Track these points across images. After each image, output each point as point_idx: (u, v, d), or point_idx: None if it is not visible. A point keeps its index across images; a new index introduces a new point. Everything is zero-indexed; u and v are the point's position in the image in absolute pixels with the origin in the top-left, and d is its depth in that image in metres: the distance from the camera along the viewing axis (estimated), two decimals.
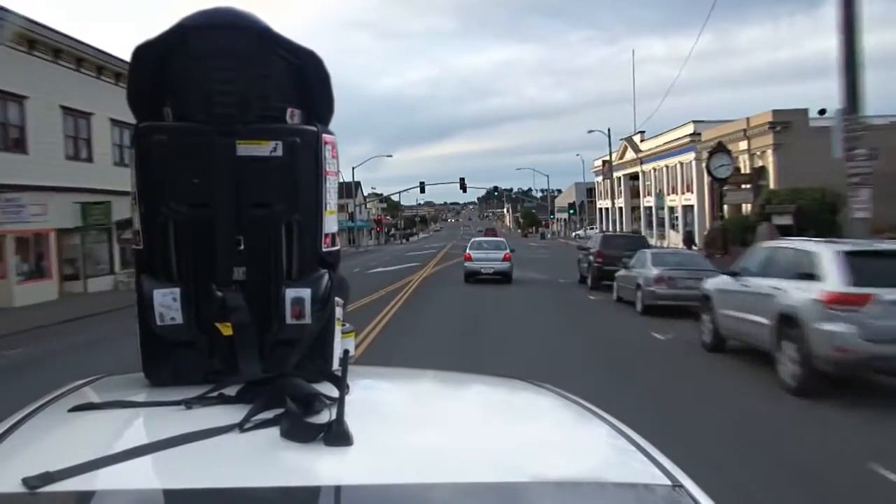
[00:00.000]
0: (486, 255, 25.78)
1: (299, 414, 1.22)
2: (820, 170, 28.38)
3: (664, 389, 8.67)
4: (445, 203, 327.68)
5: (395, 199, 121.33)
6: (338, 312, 1.60)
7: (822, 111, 35.62)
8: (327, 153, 1.56)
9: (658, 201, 47.14)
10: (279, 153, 1.50)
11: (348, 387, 1.24)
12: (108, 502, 1.03)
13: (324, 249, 1.58)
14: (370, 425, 1.28)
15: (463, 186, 70.27)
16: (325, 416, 1.20)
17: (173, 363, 1.53)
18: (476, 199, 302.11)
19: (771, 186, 32.30)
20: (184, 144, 1.49)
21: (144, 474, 1.09)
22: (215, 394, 1.38)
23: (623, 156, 60.84)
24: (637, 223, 62.96)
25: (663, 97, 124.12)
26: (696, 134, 44.01)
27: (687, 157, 46.35)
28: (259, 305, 1.51)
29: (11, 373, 11.14)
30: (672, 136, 48.79)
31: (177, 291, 1.50)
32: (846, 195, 13.63)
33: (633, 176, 61.26)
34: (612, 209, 56.49)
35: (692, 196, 45.72)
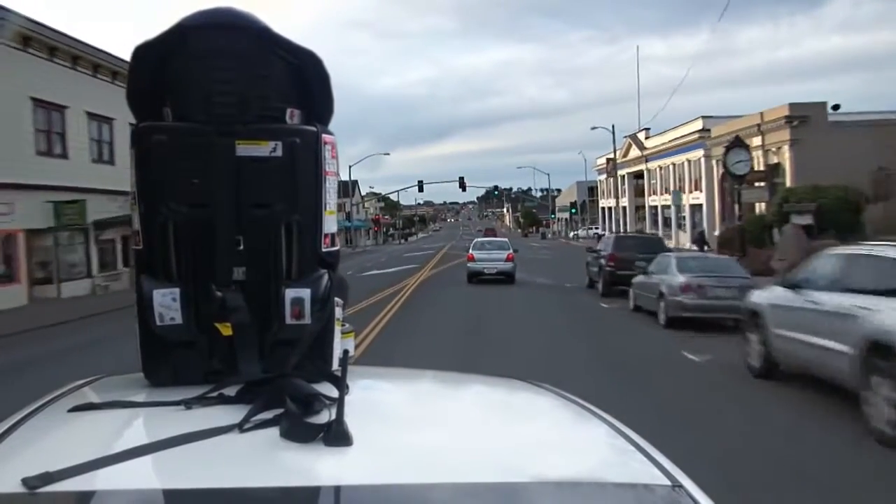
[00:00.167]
0: (490, 256, 25.66)
1: (299, 414, 1.24)
2: (840, 167, 27.01)
3: (716, 429, 7.12)
4: (445, 203, 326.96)
5: (394, 199, 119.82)
6: (337, 313, 1.63)
7: (836, 106, 34.19)
8: (327, 153, 1.59)
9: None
10: (279, 153, 1.53)
11: (348, 387, 1.27)
12: (108, 502, 1.06)
13: (323, 249, 1.60)
14: (370, 425, 1.30)
15: (462, 185, 69.01)
16: (325, 417, 1.23)
17: (173, 363, 1.55)
18: (475, 199, 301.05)
19: (787, 184, 30.68)
20: (183, 144, 1.52)
21: (144, 474, 1.11)
22: (215, 394, 1.40)
23: (627, 153, 59.30)
24: (641, 223, 61.37)
25: (671, 94, 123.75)
26: (706, 130, 42.39)
27: (695, 155, 44.76)
28: (259, 306, 1.54)
29: None
30: (679, 133, 47.25)
31: (176, 291, 1.52)
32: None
33: (638, 174, 59.66)
34: (617, 208, 54.78)
35: (700, 195, 44.15)
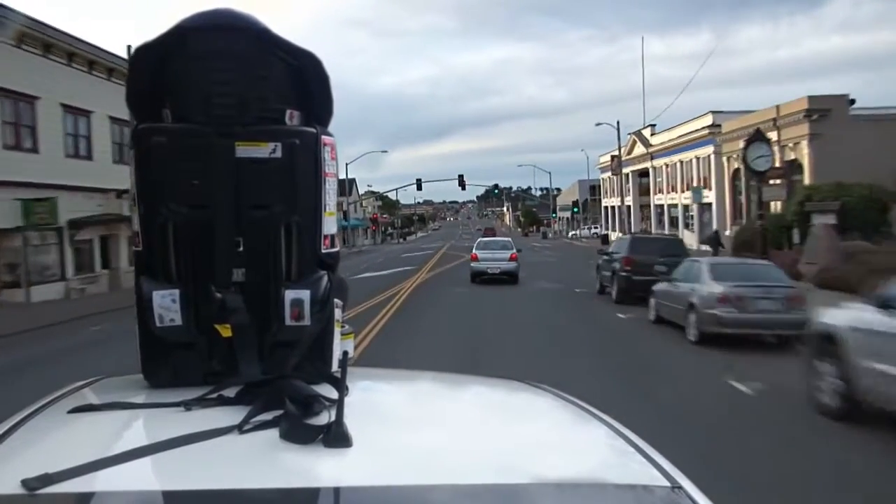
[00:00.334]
0: (493, 255, 25.88)
1: (298, 415, 1.26)
2: (862, 163, 25.45)
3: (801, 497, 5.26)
4: (444, 202, 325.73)
5: (393, 198, 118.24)
6: (337, 314, 1.65)
7: (852, 101, 32.45)
8: (326, 155, 1.60)
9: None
10: (278, 155, 1.54)
11: (347, 388, 1.29)
12: None
13: (323, 251, 1.62)
14: (369, 427, 1.32)
15: (462, 183, 67.58)
16: (325, 418, 1.24)
17: (172, 364, 1.57)
18: (475, 198, 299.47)
19: (805, 181, 29.00)
20: (183, 146, 1.53)
21: (144, 476, 1.13)
22: (214, 395, 1.42)
23: (632, 151, 57.77)
24: (646, 222, 59.64)
25: (680, 91, 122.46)
26: (716, 126, 40.84)
27: (704, 151, 43.19)
28: (258, 307, 1.56)
29: None
30: (687, 129, 45.73)
31: (176, 293, 1.54)
32: None
33: (643, 172, 58.02)
34: (621, 207, 53.10)
35: (710, 193, 42.49)
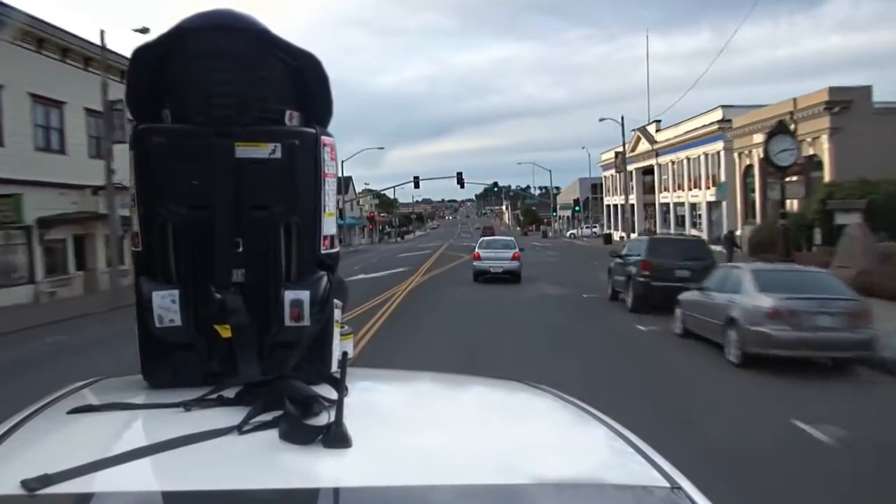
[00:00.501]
0: (496, 255, 26.03)
1: (298, 416, 1.27)
2: (887, 158, 23.77)
3: None
4: (443, 200, 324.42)
5: (391, 197, 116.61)
6: (336, 315, 1.67)
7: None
8: (326, 155, 1.62)
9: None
10: (278, 155, 1.55)
11: (347, 389, 1.30)
12: None
13: (323, 251, 1.63)
14: (369, 427, 1.33)
15: (460, 181, 65.85)
16: (324, 418, 1.25)
17: (172, 365, 1.59)
18: (474, 197, 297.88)
19: (825, 178, 27.27)
20: (182, 146, 1.55)
21: (143, 476, 1.14)
22: (214, 396, 1.44)
23: (635, 148, 56.06)
24: (649, 221, 57.96)
25: (689, 88, 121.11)
26: (726, 121, 39.21)
27: (713, 147, 41.63)
28: (258, 307, 1.57)
29: None
30: (695, 124, 44.24)
31: (176, 293, 1.55)
32: None
33: (647, 170, 56.30)
34: (625, 205, 51.36)
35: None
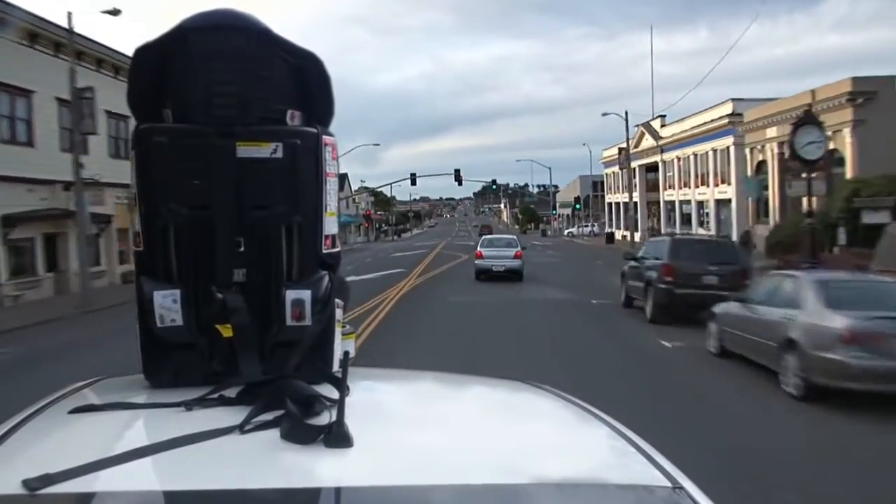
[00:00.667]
0: (498, 253, 26.20)
1: (299, 415, 1.28)
2: None
3: None
4: (441, 198, 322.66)
5: (388, 194, 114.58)
6: (338, 314, 1.67)
7: None
8: (327, 155, 1.62)
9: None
10: (279, 155, 1.56)
11: (348, 388, 1.30)
12: None
13: (324, 251, 1.64)
14: (370, 427, 1.33)
15: (458, 179, 64.44)
16: (326, 418, 1.26)
17: (173, 365, 1.60)
18: (472, 195, 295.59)
19: (847, 175, 25.47)
20: (184, 146, 1.55)
21: (145, 476, 1.15)
22: (215, 395, 1.44)
23: (639, 144, 54.16)
24: (652, 219, 56.07)
25: (698, 83, 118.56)
26: (737, 114, 37.42)
27: (723, 143, 39.90)
28: (259, 307, 1.58)
29: None
30: (704, 119, 42.43)
31: (177, 293, 1.56)
32: None
33: (651, 167, 54.49)
34: (629, 203, 49.57)
35: (728, 188, 39.11)
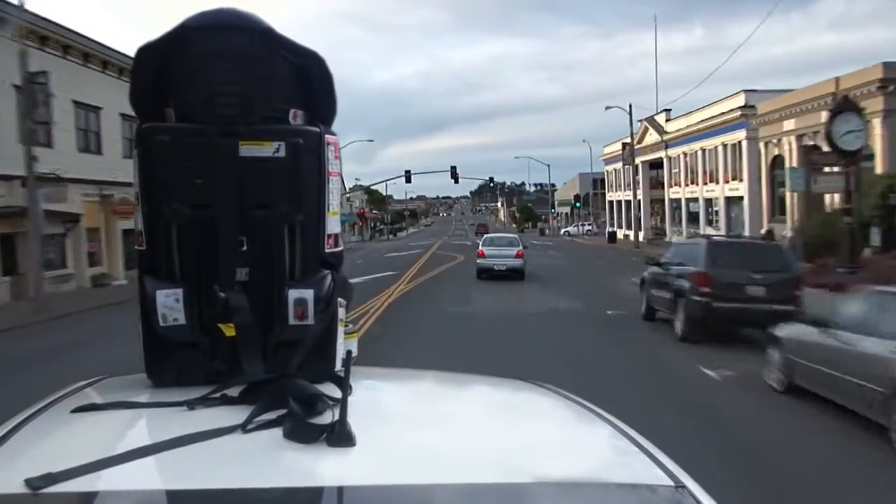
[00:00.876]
0: (500, 252, 26.25)
1: (302, 415, 1.28)
2: None
3: None
4: (438, 197, 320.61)
5: (383, 193, 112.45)
6: (340, 313, 1.68)
7: None
8: (330, 154, 1.63)
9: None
10: (282, 154, 1.56)
11: (351, 388, 1.31)
12: (111, 503, 1.10)
13: (327, 250, 1.64)
14: (373, 426, 1.34)
15: (454, 176, 62.42)
16: (328, 417, 1.26)
17: (176, 364, 1.61)
18: (469, 193, 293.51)
19: (878, 170, 23.43)
20: (186, 145, 1.56)
21: (147, 475, 1.15)
22: (218, 395, 1.45)
23: (643, 140, 52.05)
24: (656, 217, 53.94)
25: (706, 77, 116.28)
26: (749, 107, 35.31)
27: (734, 137, 37.83)
28: (262, 306, 1.58)
29: None
30: (713, 112, 40.28)
31: (179, 292, 1.56)
32: None
33: (655, 163, 52.43)
34: (633, 201, 47.45)
35: (740, 185, 37.02)
